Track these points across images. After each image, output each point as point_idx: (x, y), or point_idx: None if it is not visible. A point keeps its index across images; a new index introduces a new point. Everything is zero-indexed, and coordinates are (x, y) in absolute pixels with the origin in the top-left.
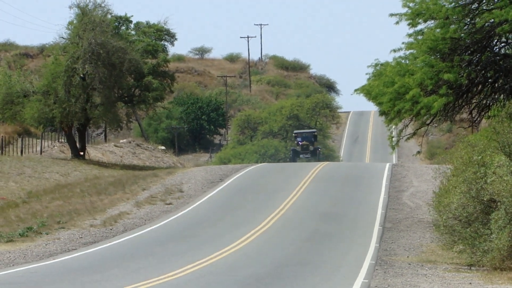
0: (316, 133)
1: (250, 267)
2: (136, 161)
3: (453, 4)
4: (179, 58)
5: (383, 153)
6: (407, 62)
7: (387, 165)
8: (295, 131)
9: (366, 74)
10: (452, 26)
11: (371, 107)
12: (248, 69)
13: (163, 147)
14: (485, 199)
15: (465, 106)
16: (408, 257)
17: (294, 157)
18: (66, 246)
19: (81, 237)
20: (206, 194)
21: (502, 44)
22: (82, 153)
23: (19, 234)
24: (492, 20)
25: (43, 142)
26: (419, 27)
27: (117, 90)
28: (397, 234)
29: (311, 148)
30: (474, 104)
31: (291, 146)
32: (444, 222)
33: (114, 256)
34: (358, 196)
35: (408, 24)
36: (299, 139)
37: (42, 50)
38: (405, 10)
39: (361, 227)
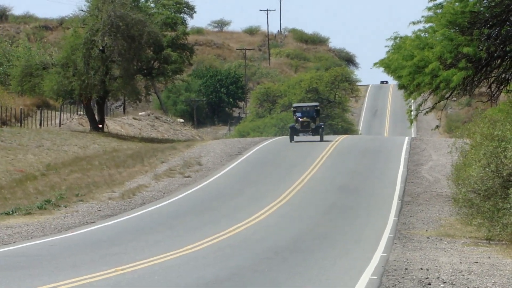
0: (318, 107)
1: (268, 241)
2: (154, 133)
3: None
4: (198, 31)
5: (402, 127)
6: (427, 35)
7: (406, 138)
8: (293, 105)
9: (385, 47)
10: (471, 0)
11: (390, 80)
12: (267, 42)
13: (181, 120)
14: (504, 173)
15: (484, 80)
16: (426, 231)
17: (292, 135)
18: (85, 219)
19: (100, 210)
20: (225, 167)
21: None
22: (100, 126)
23: (38, 207)
24: None
25: (62, 114)
26: (439, 0)
27: (136, 63)
28: (416, 207)
29: (313, 125)
30: (493, 78)
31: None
32: (463, 196)
33: (132, 229)
34: (376, 169)
35: None
36: (298, 114)
37: (61, 23)
38: None
39: (379, 200)
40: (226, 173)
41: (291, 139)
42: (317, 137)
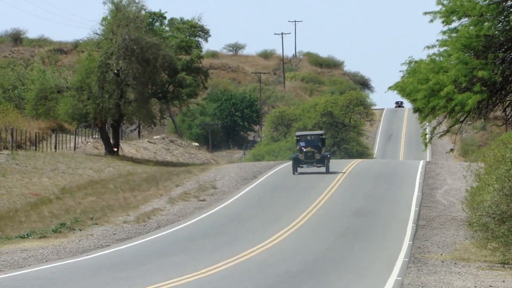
0: (324, 136)
1: (283, 264)
2: (169, 157)
3: (487, 1)
4: (213, 55)
5: (417, 150)
6: (441, 59)
7: (421, 162)
8: (296, 133)
9: (400, 71)
10: (486, 24)
11: (405, 102)
12: (282, 65)
13: (196, 144)
14: None
15: (499, 104)
16: (441, 254)
17: (295, 167)
18: (100, 242)
19: (115, 233)
20: (240, 191)
21: None
22: (115, 149)
23: (53, 230)
24: None
25: (76, 138)
26: (453, 24)
27: (150, 86)
28: (431, 231)
29: (318, 156)
30: (508, 101)
31: (293, 152)
32: (478, 220)
33: (147, 252)
34: (391, 193)
35: (442, 22)
36: (302, 143)
37: (76, 46)
38: (439, 7)
39: (394, 224)
40: (241, 196)
41: (294, 171)
42: (323, 169)
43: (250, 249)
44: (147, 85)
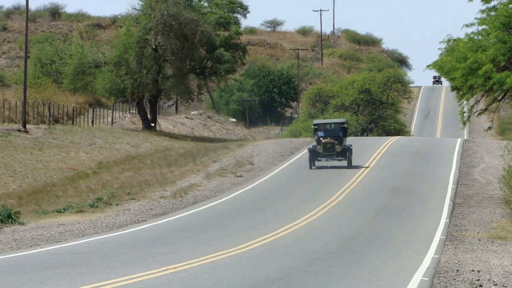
0: (346, 125)
1: (319, 241)
2: (207, 133)
3: None
4: (251, 31)
5: (454, 129)
6: (480, 38)
7: (458, 140)
8: (314, 122)
9: (439, 49)
10: None
11: (443, 79)
12: (320, 42)
13: (234, 120)
14: None
15: None
16: (478, 233)
17: (312, 160)
18: (136, 217)
19: (151, 209)
20: (277, 167)
21: None
22: (153, 124)
23: (89, 205)
24: None
25: (114, 113)
26: (492, 3)
27: (188, 62)
28: (468, 209)
29: (338, 148)
30: None
31: (311, 141)
32: None
33: (184, 228)
34: (428, 171)
35: (482, 0)
36: (320, 133)
37: (114, 21)
38: None
39: (431, 202)
40: (278, 173)
41: (311, 165)
42: (344, 162)
43: (286, 225)
44: (185, 61)
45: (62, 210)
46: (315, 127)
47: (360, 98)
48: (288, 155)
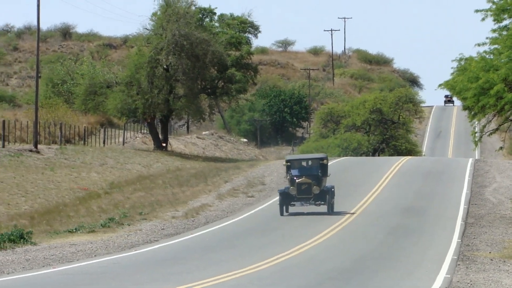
0: (326, 161)
1: (332, 261)
2: (218, 153)
3: None
4: (263, 51)
5: (466, 148)
6: (492, 57)
7: (470, 160)
8: (287, 157)
9: (451, 68)
10: None
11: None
12: (331, 62)
13: (245, 140)
14: None
15: None
16: (490, 252)
17: (284, 205)
18: (148, 237)
19: (163, 229)
20: None
21: None
22: (164, 145)
23: (101, 225)
24: None
25: (125, 133)
26: (504, 22)
27: (200, 82)
28: (479, 229)
29: (316, 189)
30: None
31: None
32: None
33: (195, 248)
34: (440, 191)
35: (493, 20)
36: (294, 172)
37: (125, 41)
38: (489, 5)
39: (443, 222)
40: None
41: (282, 211)
42: (324, 207)
43: (298, 245)
44: (197, 81)
45: (74, 230)
46: (288, 164)
47: (372, 118)
48: None
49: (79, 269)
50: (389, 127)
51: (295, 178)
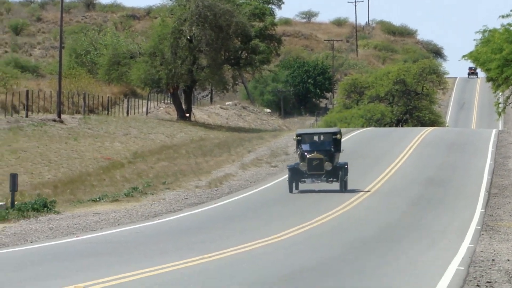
0: (339, 135)
1: (355, 231)
2: (241, 123)
3: None
4: (286, 22)
5: (489, 120)
6: None
7: (493, 131)
8: (298, 131)
9: (474, 40)
10: None
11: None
12: (355, 33)
13: (268, 110)
14: None
15: None
16: None
17: (294, 182)
18: (171, 206)
19: (186, 198)
20: None
21: None
22: (187, 115)
23: (125, 194)
24: None
25: (148, 103)
26: None
27: (223, 53)
28: (503, 200)
29: (328, 166)
30: None
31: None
32: None
33: (219, 217)
34: (464, 161)
35: None
36: (305, 146)
37: (149, 12)
38: None
39: (466, 192)
40: None
41: (291, 188)
42: (336, 185)
43: (321, 215)
44: (220, 52)
45: (98, 200)
46: (298, 138)
47: (395, 89)
48: None
49: (102, 238)
50: (412, 98)
51: (306, 153)
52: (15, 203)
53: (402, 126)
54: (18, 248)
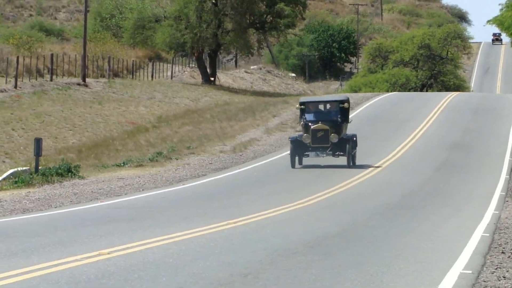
0: (347, 104)
1: (379, 196)
2: (266, 87)
3: None
4: None
5: None
6: None
7: None
8: (301, 100)
9: (499, 5)
10: None
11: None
12: None
13: (293, 74)
14: None
15: None
16: None
17: (296, 156)
18: (196, 171)
19: (211, 163)
20: None
21: None
22: (212, 79)
23: (149, 159)
24: None
25: (173, 67)
26: None
27: (248, 17)
28: None
29: (334, 138)
30: None
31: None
32: None
33: (244, 182)
34: (488, 127)
35: None
36: (309, 116)
37: None
38: None
39: (491, 158)
40: None
41: (294, 163)
42: (344, 159)
43: (346, 181)
44: (245, 15)
45: (122, 164)
46: (302, 106)
47: (420, 53)
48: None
49: (126, 204)
50: (437, 62)
51: (309, 123)
52: (39, 168)
53: (426, 90)
54: (42, 214)
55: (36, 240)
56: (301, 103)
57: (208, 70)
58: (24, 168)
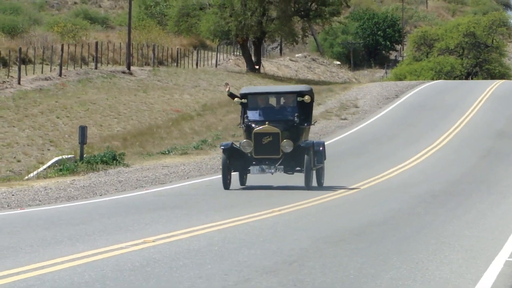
0: (308, 97)
1: (424, 184)
2: (311, 75)
3: None
4: None
5: None
6: None
7: None
8: (243, 90)
9: None
10: None
11: None
12: None
13: (338, 62)
14: None
15: None
16: None
17: (229, 169)
18: None
19: None
20: (381, 110)
21: None
22: (257, 67)
23: (194, 147)
24: None
25: (218, 55)
26: None
27: (293, 4)
28: None
29: (287, 146)
30: None
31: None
32: None
33: None
34: None
35: None
36: (252, 114)
37: None
38: None
39: None
40: (383, 116)
41: (226, 182)
42: (301, 177)
43: (391, 168)
44: (290, 3)
45: (167, 152)
46: (242, 100)
47: (465, 41)
48: (393, 98)
49: (171, 191)
50: (482, 50)
51: (252, 125)
52: (84, 155)
53: (472, 79)
54: (87, 201)
55: (81, 228)
56: (242, 95)
57: (253, 58)
58: (69, 156)
